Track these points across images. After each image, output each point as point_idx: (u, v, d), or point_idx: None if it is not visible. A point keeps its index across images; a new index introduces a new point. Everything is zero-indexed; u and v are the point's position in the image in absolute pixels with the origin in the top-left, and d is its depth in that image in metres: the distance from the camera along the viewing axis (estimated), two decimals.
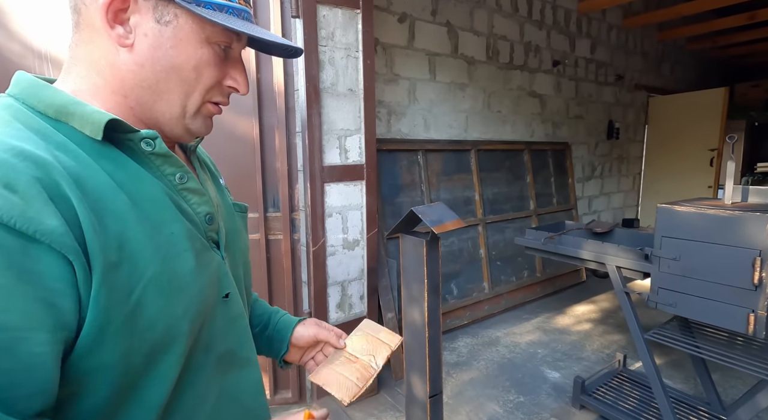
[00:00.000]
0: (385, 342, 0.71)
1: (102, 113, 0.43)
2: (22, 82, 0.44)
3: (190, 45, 0.46)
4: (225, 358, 0.54)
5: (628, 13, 4.34)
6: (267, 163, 1.91)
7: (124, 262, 0.40)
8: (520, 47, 3.41)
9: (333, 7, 1.91)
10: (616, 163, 4.70)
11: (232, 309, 0.55)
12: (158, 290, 0.43)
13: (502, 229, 3.31)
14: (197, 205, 0.51)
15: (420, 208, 1.44)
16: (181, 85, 0.47)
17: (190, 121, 0.50)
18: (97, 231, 0.38)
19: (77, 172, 0.39)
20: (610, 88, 4.39)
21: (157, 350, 0.43)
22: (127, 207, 0.42)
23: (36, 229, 0.34)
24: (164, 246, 0.44)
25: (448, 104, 3.00)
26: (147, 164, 0.47)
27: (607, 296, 3.54)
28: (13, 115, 0.41)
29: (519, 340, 2.77)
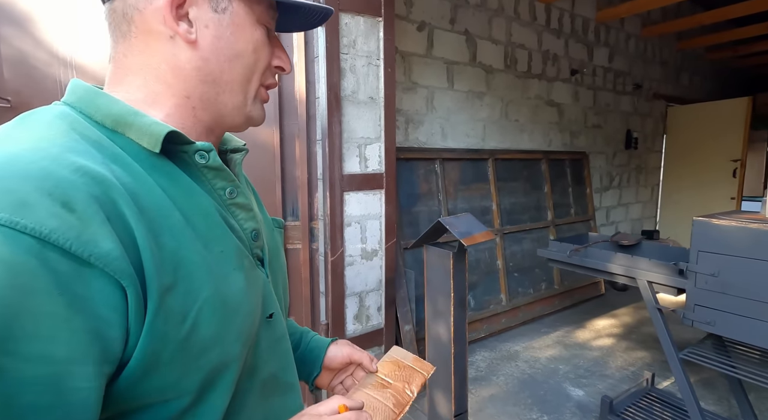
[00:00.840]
0: (418, 370, 0.66)
1: (161, 125, 0.41)
2: (79, 90, 0.42)
3: (247, 28, 0.46)
4: (269, 383, 0.50)
5: (647, 22, 4.29)
6: (287, 171, 1.89)
7: (180, 283, 0.37)
8: (538, 56, 3.37)
9: (355, 15, 1.90)
10: (635, 174, 4.61)
11: (275, 330, 0.52)
12: (212, 312, 0.40)
13: (520, 239, 3.24)
14: (244, 221, 0.48)
15: (447, 219, 1.40)
16: (244, 72, 0.47)
17: (251, 108, 0.50)
18: (154, 252, 0.36)
19: (133, 188, 0.37)
20: (629, 97, 4.33)
21: (211, 376, 0.40)
22: (182, 224, 0.39)
23: (91, 252, 0.31)
24: (216, 265, 0.41)
25: (465, 113, 2.97)
26: (199, 178, 0.44)
27: (627, 310, 3.44)
28: (71, 125, 0.38)
29: (539, 355, 2.69)
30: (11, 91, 1.61)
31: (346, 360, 0.67)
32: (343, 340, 0.71)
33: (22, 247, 0.29)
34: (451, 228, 1.37)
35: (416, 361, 0.68)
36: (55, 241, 0.30)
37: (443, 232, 1.55)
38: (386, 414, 0.58)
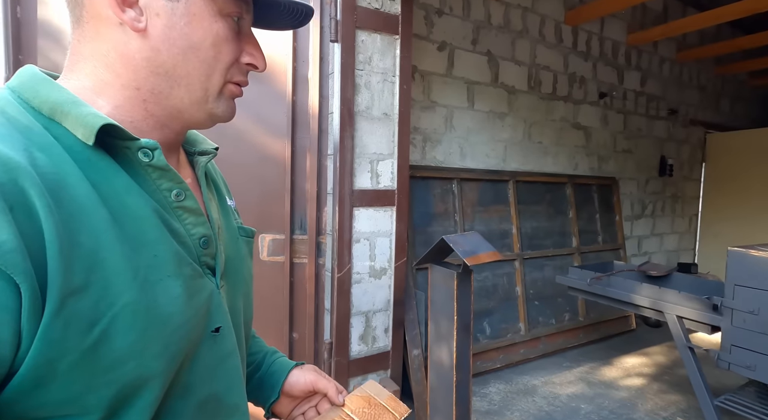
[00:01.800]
0: (391, 410, 0.60)
1: (99, 116, 0.38)
2: (24, 75, 0.41)
3: (205, 19, 0.43)
4: (208, 405, 0.45)
5: (682, 46, 4.15)
6: (297, 184, 1.88)
7: (92, 286, 0.34)
8: (564, 78, 3.30)
9: (372, 32, 1.92)
10: (670, 202, 4.35)
11: (221, 346, 0.47)
12: (131, 321, 0.36)
13: (541, 266, 3.08)
14: (192, 226, 0.45)
15: (452, 237, 1.33)
16: (201, 66, 0.44)
17: (214, 105, 0.46)
18: (63, 249, 0.32)
19: (55, 180, 0.34)
20: (663, 122, 4.14)
21: (124, 394, 0.36)
22: (107, 224, 0.36)
23: None
24: (144, 270, 0.38)
25: (486, 133, 2.92)
26: (141, 176, 0.41)
27: (661, 349, 3.17)
28: (1, 108, 0.37)
29: (559, 391, 2.49)
30: None
31: (309, 387, 0.61)
32: (309, 366, 0.65)
33: None
34: (455, 246, 1.30)
35: (391, 400, 0.62)
36: None
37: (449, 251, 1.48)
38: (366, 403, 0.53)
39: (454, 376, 1.34)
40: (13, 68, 1.69)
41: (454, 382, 1.33)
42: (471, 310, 1.38)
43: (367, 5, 1.89)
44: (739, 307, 1.37)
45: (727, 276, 1.41)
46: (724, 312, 1.41)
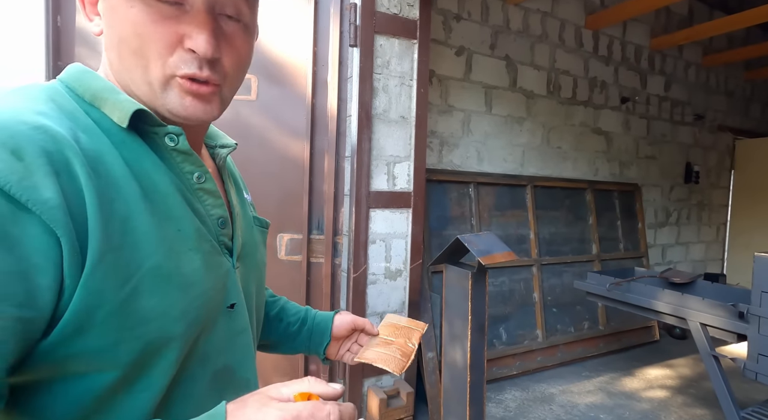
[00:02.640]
0: (414, 328, 0.74)
1: (132, 102, 0.42)
2: (71, 69, 0.46)
3: (121, 6, 0.40)
4: (222, 376, 0.48)
5: (709, 50, 4.04)
6: (315, 185, 1.92)
7: (125, 247, 0.37)
8: (585, 82, 3.26)
9: (390, 37, 1.95)
10: (696, 210, 4.22)
11: (236, 322, 0.50)
12: (156, 284, 0.39)
13: (560, 272, 3.03)
14: (211, 207, 0.49)
15: (467, 237, 1.34)
16: (133, 58, 0.41)
17: (163, 99, 0.43)
18: (102, 213, 0.36)
19: (95, 155, 0.38)
20: (688, 128, 4.04)
21: (148, 351, 0.39)
22: (138, 196, 0.40)
23: (29, 197, 0.32)
24: (169, 240, 0.41)
25: (503, 138, 2.91)
26: (167, 159, 0.45)
27: (686, 361, 3.05)
28: (51, 96, 0.41)
29: (577, 401, 2.43)
30: None
31: (351, 326, 0.72)
32: (344, 310, 0.75)
33: None
34: (469, 246, 1.30)
35: (410, 321, 0.75)
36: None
37: (464, 251, 1.48)
38: (396, 362, 0.66)
39: (468, 377, 1.33)
40: (53, 74, 1.79)
41: (468, 383, 1.33)
42: (486, 310, 1.38)
43: (385, 10, 1.93)
44: (766, 315, 1.32)
45: (753, 282, 1.37)
46: (751, 320, 1.37)
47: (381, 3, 1.91)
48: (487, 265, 1.26)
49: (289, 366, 1.95)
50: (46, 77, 1.80)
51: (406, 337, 0.71)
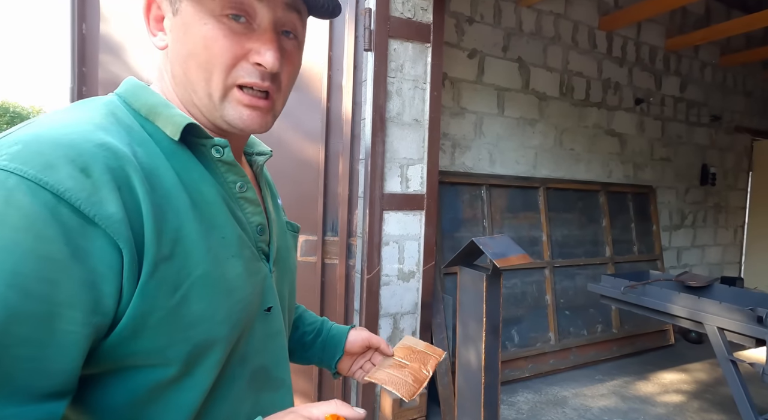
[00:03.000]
0: (430, 353, 0.72)
1: (184, 117, 0.45)
2: (127, 84, 0.49)
3: (195, 25, 0.44)
4: (259, 375, 0.51)
5: (727, 50, 3.98)
6: (329, 187, 1.95)
7: (177, 257, 0.40)
8: (598, 84, 3.24)
9: (404, 41, 1.98)
10: (712, 213, 4.15)
11: (272, 324, 0.53)
12: (204, 290, 0.42)
13: (573, 275, 3.01)
14: (251, 214, 0.51)
15: (482, 239, 1.35)
16: (199, 71, 0.45)
17: (221, 110, 0.46)
18: (157, 225, 0.39)
19: (150, 168, 0.41)
20: (704, 129, 3.98)
21: (196, 351, 0.42)
22: (188, 206, 0.42)
23: (96, 213, 0.35)
24: (215, 248, 0.44)
25: (516, 139, 2.90)
26: (213, 169, 0.48)
27: (702, 366, 3.01)
28: (111, 111, 0.44)
29: (590, 404, 2.42)
30: None
31: (366, 343, 0.70)
32: (360, 327, 0.74)
33: (41, 199, 0.33)
34: (484, 248, 1.32)
35: (428, 347, 0.73)
36: (68, 199, 0.34)
37: (479, 253, 1.50)
38: (407, 387, 0.63)
39: (483, 379, 1.34)
40: (78, 80, 1.86)
41: (482, 385, 1.34)
42: (500, 312, 1.39)
43: (399, 15, 1.95)
44: None
45: None
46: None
47: (395, 8, 1.93)
48: (502, 267, 1.27)
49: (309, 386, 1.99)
50: (71, 83, 1.86)
51: (422, 362, 0.69)
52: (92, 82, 1.87)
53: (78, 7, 1.83)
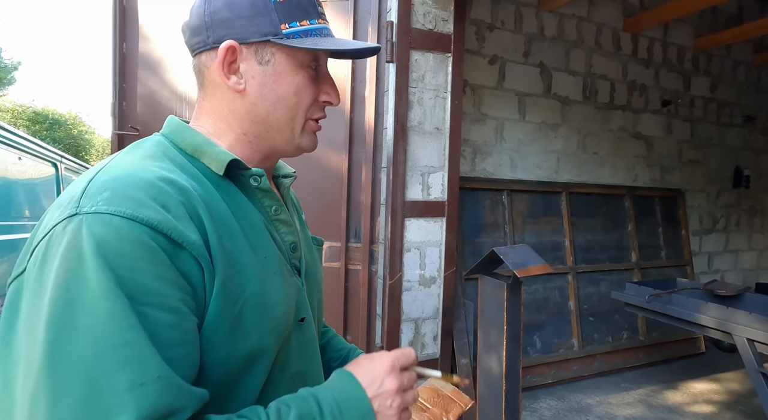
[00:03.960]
0: (456, 401, 0.69)
1: (226, 154, 0.52)
2: (172, 125, 0.56)
3: (288, 75, 0.53)
4: (296, 380, 0.56)
5: (761, 48, 3.83)
6: (353, 195, 2.01)
7: (234, 276, 0.46)
8: (623, 86, 3.19)
9: (425, 52, 2.02)
10: (746, 216, 3.99)
11: (306, 333, 0.58)
12: (255, 305, 0.48)
13: (597, 280, 2.97)
14: (285, 234, 0.57)
15: (502, 249, 1.38)
16: (287, 112, 0.54)
17: (299, 140, 0.57)
18: (219, 247, 0.45)
19: (206, 200, 0.48)
20: (737, 130, 3.84)
21: (249, 360, 0.48)
22: (238, 232, 0.49)
23: (183, 239, 0.42)
24: (260, 267, 0.50)
25: (537, 144, 2.89)
26: (252, 196, 0.54)
27: (735, 375, 2.91)
28: (164, 152, 0.51)
29: (615, 412, 2.39)
30: (141, 122, 1.99)
31: None
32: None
33: (144, 232, 0.40)
34: (505, 258, 1.34)
35: (455, 392, 0.70)
36: (162, 230, 0.41)
37: (499, 262, 1.52)
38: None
39: (504, 386, 1.37)
40: (119, 95, 1.99)
41: (503, 392, 1.36)
42: (521, 321, 1.41)
43: (420, 26, 1.99)
44: None
45: None
46: None
47: (416, 19, 1.98)
48: (522, 277, 1.30)
49: None
50: (113, 99, 1.98)
51: (444, 408, 0.66)
52: (131, 98, 2.00)
53: (119, 28, 1.96)
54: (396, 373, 0.50)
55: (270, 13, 0.51)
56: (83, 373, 0.36)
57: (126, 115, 1.99)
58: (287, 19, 0.51)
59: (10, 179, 2.43)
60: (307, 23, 0.53)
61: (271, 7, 0.51)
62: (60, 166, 3.24)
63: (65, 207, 0.41)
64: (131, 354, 0.37)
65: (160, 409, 0.37)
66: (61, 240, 0.39)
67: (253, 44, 0.52)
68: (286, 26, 0.51)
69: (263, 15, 0.51)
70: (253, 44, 0.52)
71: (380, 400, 0.48)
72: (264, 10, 0.51)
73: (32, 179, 2.78)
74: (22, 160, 2.61)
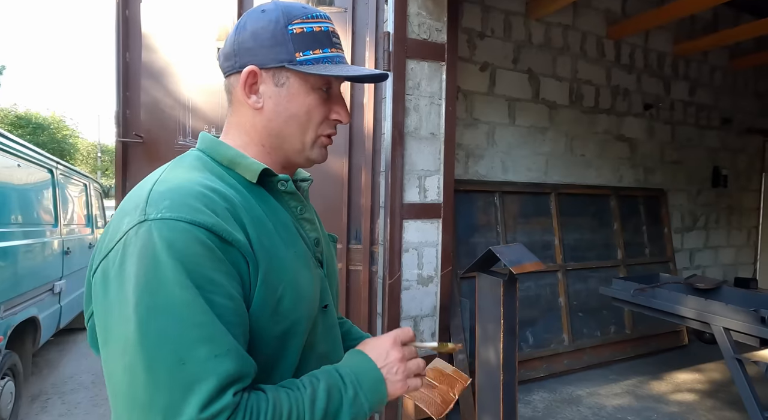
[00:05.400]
0: (458, 378, 0.80)
1: (258, 164, 0.60)
2: (206, 141, 0.64)
3: (300, 96, 0.60)
4: (321, 359, 0.64)
5: (736, 53, 4.02)
6: (353, 199, 2.09)
7: (273, 269, 0.55)
8: (607, 91, 3.33)
9: (420, 60, 2.11)
10: (725, 214, 4.18)
11: (328, 319, 0.67)
12: (290, 293, 0.56)
13: (585, 277, 3.10)
14: (309, 231, 0.65)
15: (498, 248, 1.47)
16: (298, 128, 0.62)
17: (309, 152, 0.64)
18: (259, 245, 0.54)
19: (244, 205, 0.56)
20: (715, 132, 4.02)
21: (285, 339, 0.56)
22: (272, 231, 0.57)
23: (232, 238, 0.50)
24: (293, 260, 0.58)
25: (527, 147, 3.01)
26: (280, 199, 0.62)
27: (717, 366, 3.06)
28: (204, 165, 0.60)
29: (605, 403, 2.50)
30: (144, 130, 2.04)
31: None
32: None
33: (202, 233, 0.48)
34: (501, 256, 1.43)
35: (456, 372, 0.81)
36: (215, 231, 0.49)
37: (495, 260, 1.62)
38: (436, 407, 0.73)
39: (501, 376, 1.46)
40: (122, 103, 2.03)
41: (501, 382, 1.45)
42: (516, 315, 1.50)
43: (416, 37, 2.08)
44: None
45: None
46: None
47: (412, 30, 2.07)
48: (518, 274, 1.39)
49: None
50: (116, 107, 2.03)
51: (450, 385, 0.77)
52: (135, 106, 2.05)
53: (122, 38, 2.01)
54: (398, 347, 0.60)
55: (287, 43, 0.59)
56: (170, 347, 0.44)
57: (130, 122, 2.03)
58: (302, 48, 0.59)
59: (10, 185, 2.45)
60: (320, 52, 0.60)
61: (288, 38, 0.59)
62: (56, 172, 3.25)
63: (134, 214, 0.49)
64: (206, 332, 0.45)
65: (233, 374, 0.45)
66: (136, 242, 0.47)
67: (271, 69, 0.59)
68: (300, 54, 0.59)
69: (281, 45, 0.59)
70: (271, 69, 0.59)
71: (387, 369, 0.58)
72: (282, 40, 0.59)
73: (30, 185, 2.79)
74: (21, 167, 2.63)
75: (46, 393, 2.76)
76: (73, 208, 3.75)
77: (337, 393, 0.54)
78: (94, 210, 4.49)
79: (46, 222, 3.00)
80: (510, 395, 1.48)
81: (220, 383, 0.44)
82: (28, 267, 2.63)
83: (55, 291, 3.02)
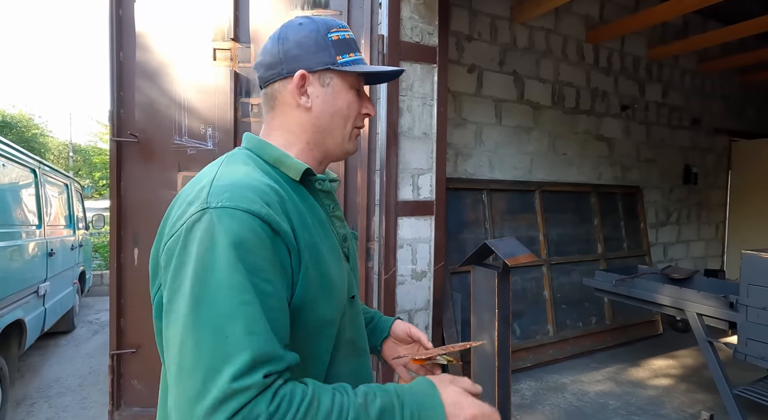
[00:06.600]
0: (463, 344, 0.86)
1: (301, 164, 0.65)
2: (253, 141, 0.69)
3: (342, 93, 0.68)
4: (350, 344, 0.70)
5: (705, 58, 4.25)
6: (349, 197, 2.14)
7: (313, 261, 0.60)
8: (587, 93, 3.48)
9: (413, 62, 2.18)
10: (695, 210, 4.42)
11: (355, 308, 0.73)
12: (326, 284, 0.61)
13: (568, 271, 3.24)
14: (339, 227, 0.71)
15: (493, 242, 1.55)
16: (341, 121, 0.69)
17: (347, 145, 0.71)
18: (302, 237, 0.59)
19: (290, 200, 0.61)
20: (686, 132, 4.25)
21: (321, 326, 0.62)
22: (311, 225, 0.63)
23: (279, 228, 0.55)
24: (328, 253, 0.64)
25: (513, 146, 3.12)
26: (317, 196, 0.68)
27: (689, 352, 3.26)
28: (255, 163, 0.65)
29: (587, 389, 2.64)
30: (139, 129, 2.03)
31: (407, 331, 0.85)
32: (404, 321, 0.91)
33: (256, 222, 0.53)
34: (496, 249, 1.52)
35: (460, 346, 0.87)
36: (267, 220, 0.53)
37: (489, 253, 1.70)
38: (453, 354, 0.79)
39: (496, 362, 1.54)
40: (117, 103, 2.02)
41: (496, 368, 1.54)
42: (510, 305, 1.59)
43: (408, 39, 2.15)
44: (752, 304, 1.53)
45: (741, 276, 1.58)
46: (740, 309, 1.58)
47: (405, 33, 2.14)
48: (512, 265, 1.48)
49: None
50: (111, 106, 2.02)
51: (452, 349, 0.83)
52: (129, 105, 2.04)
53: (116, 37, 2.00)
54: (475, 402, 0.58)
55: (329, 49, 0.66)
56: (217, 322, 0.49)
57: (124, 122, 2.03)
58: (340, 52, 0.67)
59: None
60: (353, 55, 0.69)
61: (329, 44, 0.67)
62: (38, 172, 3.18)
63: (197, 203, 0.54)
64: (248, 311, 0.49)
65: (265, 353, 0.48)
66: (199, 226, 0.52)
67: (317, 72, 0.66)
68: (340, 57, 0.67)
69: (324, 50, 0.66)
70: (317, 72, 0.66)
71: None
72: (325, 46, 0.66)
73: (14, 185, 2.73)
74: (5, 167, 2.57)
75: (31, 397, 2.71)
76: (56, 208, 3.66)
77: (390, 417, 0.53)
78: (75, 211, 4.38)
79: (30, 223, 2.94)
80: (504, 380, 1.57)
81: (253, 358, 0.47)
82: (13, 269, 2.57)
83: (40, 293, 2.96)
